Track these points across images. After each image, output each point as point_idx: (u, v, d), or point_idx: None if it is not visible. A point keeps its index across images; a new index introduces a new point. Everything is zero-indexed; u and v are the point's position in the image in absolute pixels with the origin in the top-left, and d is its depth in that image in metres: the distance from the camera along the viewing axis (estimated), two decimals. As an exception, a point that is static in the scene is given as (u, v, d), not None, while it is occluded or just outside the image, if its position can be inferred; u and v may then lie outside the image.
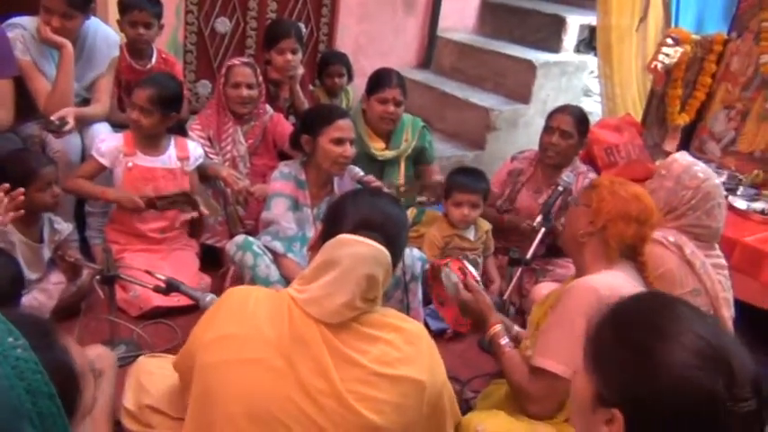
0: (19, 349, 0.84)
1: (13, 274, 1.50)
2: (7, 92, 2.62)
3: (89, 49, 2.86)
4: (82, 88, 2.88)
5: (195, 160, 2.84)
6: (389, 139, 3.16)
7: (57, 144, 2.67)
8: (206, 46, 3.99)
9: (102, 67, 2.90)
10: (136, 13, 3.00)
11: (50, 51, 2.76)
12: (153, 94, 2.67)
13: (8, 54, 2.63)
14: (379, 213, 1.51)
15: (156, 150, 2.78)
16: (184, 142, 2.86)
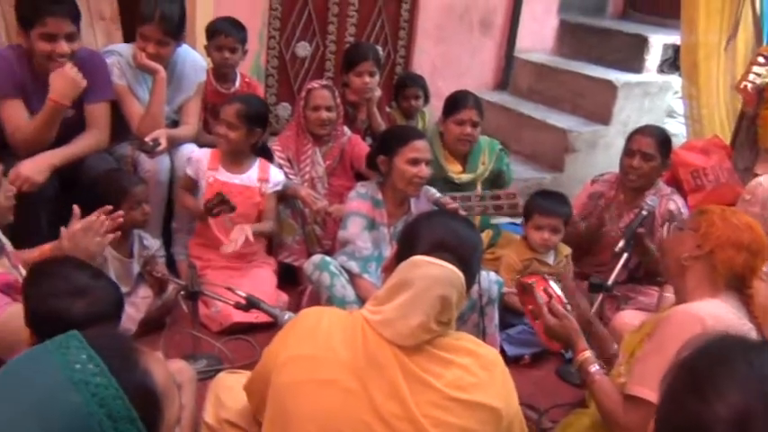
0: (99, 376, 0.84)
1: (117, 298, 1.57)
2: (105, 114, 2.77)
3: (179, 75, 2.99)
4: (171, 111, 3.02)
5: (274, 185, 2.91)
6: (466, 162, 3.15)
7: (148, 164, 2.80)
8: (286, 69, 4.10)
9: (191, 91, 3.03)
10: (222, 38, 3.12)
11: (144, 76, 2.91)
12: (240, 109, 2.77)
13: (107, 79, 2.79)
14: (454, 235, 1.50)
15: (238, 168, 2.87)
16: (267, 166, 2.93)
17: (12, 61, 2.57)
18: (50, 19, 2.46)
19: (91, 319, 1.45)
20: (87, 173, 2.61)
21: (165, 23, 2.77)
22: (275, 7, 3.91)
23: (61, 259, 1.75)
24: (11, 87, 2.57)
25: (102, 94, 2.76)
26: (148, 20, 2.76)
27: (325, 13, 4.07)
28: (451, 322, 1.47)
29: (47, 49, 2.50)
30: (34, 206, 2.32)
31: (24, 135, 2.55)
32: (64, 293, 1.49)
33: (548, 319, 1.88)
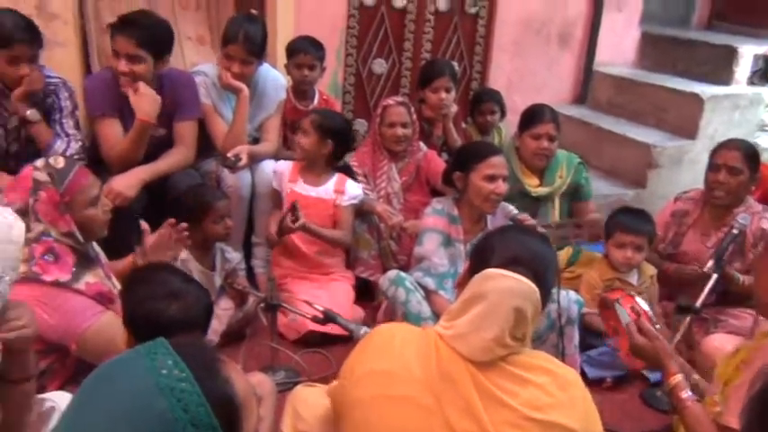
0: (184, 382, 0.87)
1: (207, 304, 1.65)
2: (192, 132, 2.90)
3: (260, 93, 3.08)
4: (253, 129, 3.11)
5: (350, 198, 2.94)
6: (543, 176, 3.10)
7: (230, 179, 2.89)
8: (363, 86, 4.15)
9: (271, 109, 3.12)
10: (301, 56, 3.21)
11: (228, 95, 3.02)
12: (314, 118, 2.87)
13: (195, 98, 2.92)
14: (528, 250, 1.47)
15: (315, 181, 2.93)
16: (345, 180, 2.98)
17: (108, 82, 2.73)
18: (118, 37, 2.63)
19: (184, 322, 1.54)
20: (174, 188, 2.73)
21: (249, 44, 2.88)
22: (353, 26, 3.98)
23: (158, 265, 1.87)
24: (108, 107, 2.73)
25: (190, 113, 2.89)
26: (233, 40, 2.87)
27: (401, 30, 4.11)
28: (527, 338, 1.44)
29: (115, 65, 2.67)
30: (125, 219, 2.43)
31: (118, 152, 2.70)
32: (160, 296, 1.59)
33: (636, 338, 1.80)
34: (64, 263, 1.83)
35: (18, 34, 2.53)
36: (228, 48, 2.90)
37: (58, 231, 1.84)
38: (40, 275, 1.79)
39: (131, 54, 2.64)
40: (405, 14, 4.08)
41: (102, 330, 1.82)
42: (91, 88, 2.79)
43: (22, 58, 2.56)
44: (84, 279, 1.86)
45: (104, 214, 1.99)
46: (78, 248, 1.89)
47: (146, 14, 2.77)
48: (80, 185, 1.88)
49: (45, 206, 1.83)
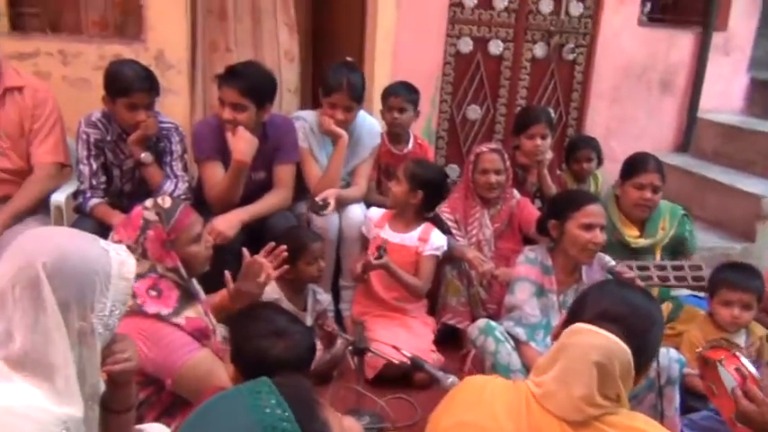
0: (285, 422, 0.89)
1: (311, 344, 1.70)
2: (290, 176, 2.99)
3: (356, 139, 3.15)
4: (346, 173, 3.18)
5: (433, 248, 2.91)
6: (644, 227, 2.98)
7: (319, 222, 2.95)
8: (456, 132, 4.18)
9: (365, 154, 3.19)
10: (392, 99, 3.29)
11: (325, 141, 3.11)
12: (408, 165, 2.89)
13: (295, 143, 3.03)
14: (624, 305, 1.42)
15: (403, 228, 2.94)
16: (431, 229, 2.95)
17: (214, 128, 2.88)
18: (224, 86, 2.79)
19: (288, 360, 1.59)
20: (271, 229, 2.81)
21: (352, 91, 2.98)
22: (448, 73, 4.03)
23: (265, 304, 1.96)
24: (212, 151, 2.87)
25: (289, 157, 2.99)
26: (337, 89, 2.98)
27: (496, 77, 4.12)
28: (621, 398, 1.39)
29: (220, 113, 2.81)
30: (224, 257, 2.52)
31: (217, 192, 2.83)
32: (267, 334, 1.65)
33: (743, 404, 1.66)
34: (167, 297, 1.91)
35: (137, 83, 2.73)
36: (333, 96, 2.99)
37: (163, 267, 1.93)
38: (143, 308, 1.88)
39: (235, 102, 2.77)
40: (501, 61, 4.10)
41: (196, 367, 1.88)
42: (198, 133, 2.95)
43: (140, 105, 2.75)
44: (184, 313, 1.92)
45: (206, 251, 2.06)
46: (181, 284, 1.97)
47: (251, 66, 2.91)
48: (185, 224, 1.98)
49: (153, 243, 1.92)
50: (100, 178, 2.85)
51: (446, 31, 3.93)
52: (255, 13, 3.68)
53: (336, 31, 4.23)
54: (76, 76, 3.48)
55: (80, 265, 1.29)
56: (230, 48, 3.67)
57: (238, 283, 2.18)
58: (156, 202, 1.96)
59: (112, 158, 2.88)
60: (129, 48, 3.52)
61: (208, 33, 3.68)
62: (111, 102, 2.76)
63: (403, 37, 3.79)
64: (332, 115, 3.00)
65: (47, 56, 3.46)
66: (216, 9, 3.67)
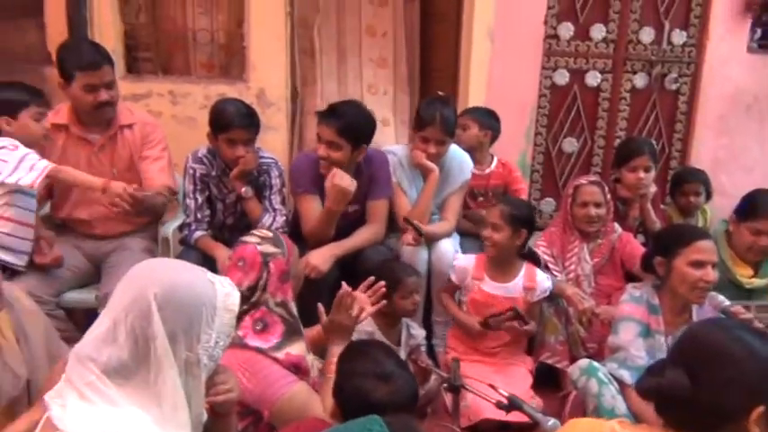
0: None
1: (414, 391, 1.68)
2: (384, 210, 3.00)
3: (446, 171, 3.12)
4: (435, 206, 3.14)
5: (541, 292, 2.84)
6: (758, 266, 2.79)
7: (408, 256, 2.93)
8: (552, 165, 4.08)
9: (455, 188, 3.14)
10: (458, 117, 3.24)
11: (414, 174, 3.10)
12: (504, 210, 2.79)
13: (388, 178, 3.04)
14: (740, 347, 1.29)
15: (504, 276, 2.86)
16: (534, 272, 2.87)
17: (312, 163, 2.92)
18: (323, 124, 2.82)
19: (390, 404, 1.58)
20: (365, 262, 2.82)
21: (444, 125, 2.96)
22: (543, 105, 3.96)
23: (374, 343, 1.96)
24: (309, 184, 2.91)
25: (383, 192, 3.01)
26: (430, 123, 2.96)
27: (594, 108, 4.01)
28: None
29: (317, 149, 2.87)
30: (318, 292, 2.56)
31: (310, 228, 2.87)
32: (371, 375, 1.65)
33: None
34: (271, 332, 1.93)
35: (237, 120, 2.83)
36: (425, 130, 2.98)
37: (274, 301, 1.96)
38: (245, 341, 1.91)
39: (330, 141, 2.81)
40: (598, 93, 3.99)
41: (293, 400, 1.89)
42: (296, 166, 3.02)
43: (239, 141, 2.85)
44: (285, 349, 1.94)
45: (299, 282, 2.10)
46: (288, 320, 1.98)
47: (351, 105, 2.92)
48: (292, 249, 2.02)
49: (274, 276, 1.95)
50: (204, 212, 2.96)
51: (541, 63, 3.88)
52: (341, 50, 3.81)
53: (432, 64, 4.24)
54: (184, 114, 3.67)
55: (189, 296, 1.33)
56: (316, 81, 3.79)
57: (331, 315, 2.18)
58: (259, 235, 2.00)
59: (216, 193, 2.99)
60: (233, 87, 3.69)
61: (301, 70, 3.82)
62: (214, 138, 2.88)
63: (497, 70, 3.76)
64: (424, 149, 2.99)
65: (158, 96, 3.69)
66: (307, 48, 3.82)
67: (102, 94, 2.69)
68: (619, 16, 3.89)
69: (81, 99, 2.69)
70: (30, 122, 2.51)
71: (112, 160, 2.84)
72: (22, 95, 2.52)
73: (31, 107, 2.51)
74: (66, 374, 1.34)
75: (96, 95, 2.68)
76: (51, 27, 3.63)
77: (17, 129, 2.50)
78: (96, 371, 1.30)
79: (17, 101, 2.51)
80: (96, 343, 1.33)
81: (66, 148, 2.80)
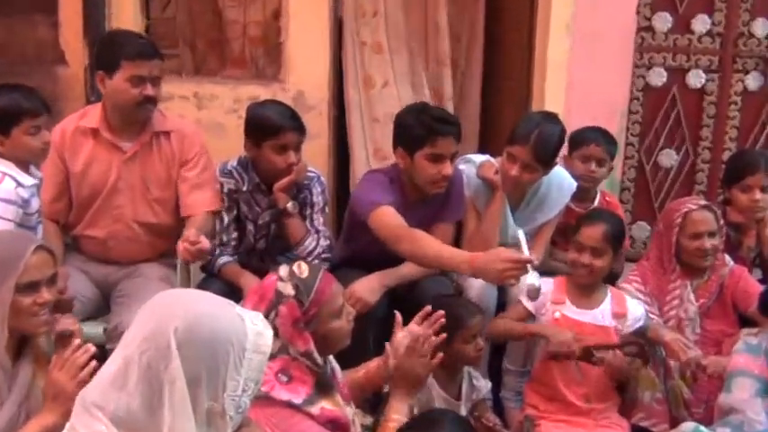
0: None
1: None
2: (450, 236, 2.96)
3: (542, 195, 3.08)
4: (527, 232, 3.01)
5: (635, 322, 2.78)
6: None
7: (475, 291, 2.87)
8: (646, 182, 4.01)
9: (551, 214, 3.10)
10: (591, 147, 3.22)
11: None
12: (607, 230, 2.72)
13: (461, 199, 3.00)
14: None
15: (588, 301, 2.80)
16: (622, 297, 2.82)
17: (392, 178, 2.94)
18: (442, 139, 2.78)
19: None
20: (421, 295, 2.78)
21: (539, 149, 2.84)
22: (635, 110, 3.90)
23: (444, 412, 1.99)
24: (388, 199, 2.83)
25: (452, 215, 2.98)
26: (520, 141, 2.86)
27: (698, 115, 3.93)
28: None
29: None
30: (364, 327, 2.54)
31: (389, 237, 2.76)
32: None
33: None
34: (299, 385, 1.91)
35: (287, 122, 2.86)
36: (514, 147, 2.89)
37: (295, 350, 1.94)
38: (271, 394, 1.88)
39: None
40: (703, 96, 3.93)
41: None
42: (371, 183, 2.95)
43: (290, 146, 2.87)
44: (320, 404, 1.91)
45: (348, 324, 2.06)
46: (317, 371, 1.96)
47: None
48: (325, 296, 1.98)
49: (284, 321, 1.93)
50: (231, 234, 2.98)
51: (633, 61, 3.83)
52: (409, 46, 3.82)
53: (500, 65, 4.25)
54: (211, 120, 3.74)
55: (215, 333, 1.32)
56: (389, 83, 3.81)
57: (402, 359, 2.13)
58: (292, 270, 1.98)
59: (247, 211, 3.01)
60: (267, 89, 3.74)
61: (362, 67, 3.83)
62: (255, 146, 2.90)
63: (578, 69, 3.73)
64: (508, 169, 2.91)
65: (181, 100, 3.77)
66: (369, 41, 3.83)
67: (149, 88, 2.75)
68: (726, 5, 3.84)
69: (123, 93, 2.74)
70: (24, 139, 2.51)
71: (145, 172, 2.88)
72: (14, 107, 2.51)
73: (24, 121, 2.51)
74: (71, 424, 1.34)
75: (143, 89, 2.74)
76: (65, 23, 3.78)
77: (9, 148, 2.52)
78: (105, 420, 1.29)
79: (7, 116, 2.51)
80: (104, 387, 1.33)
81: (94, 155, 2.85)
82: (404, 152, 2.84)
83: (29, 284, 1.88)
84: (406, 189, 2.92)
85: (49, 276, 1.95)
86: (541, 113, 3.12)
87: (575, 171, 3.22)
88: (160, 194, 2.89)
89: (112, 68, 2.72)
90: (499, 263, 2.41)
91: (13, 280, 1.84)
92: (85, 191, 2.83)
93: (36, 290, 1.90)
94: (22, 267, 1.85)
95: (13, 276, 1.84)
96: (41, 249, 1.94)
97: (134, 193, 2.86)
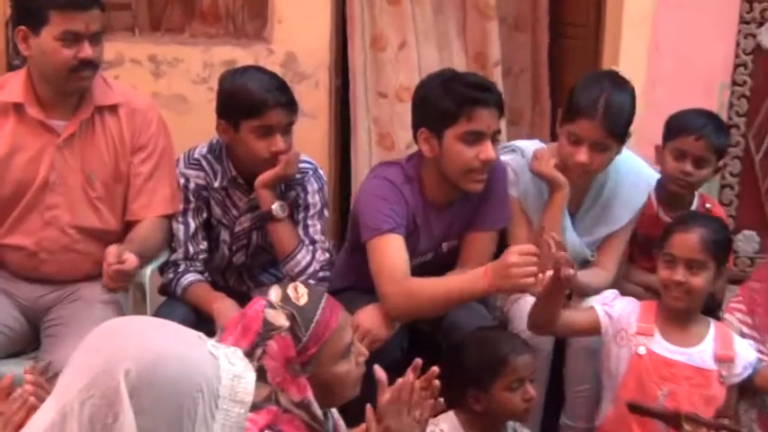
0: None
1: None
2: (488, 248, 2.96)
3: (609, 195, 3.10)
4: (587, 245, 3.11)
5: (744, 369, 2.79)
6: None
7: (521, 322, 2.86)
8: (755, 178, 3.99)
9: (623, 221, 3.11)
10: (690, 140, 3.13)
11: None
12: (705, 237, 2.72)
13: (505, 199, 3.01)
14: None
15: (684, 336, 2.80)
16: (729, 336, 2.83)
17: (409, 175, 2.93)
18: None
19: None
20: (453, 328, 2.80)
21: (612, 119, 2.86)
22: (741, 80, 3.90)
23: None
24: (401, 219, 2.86)
25: (493, 222, 2.98)
26: (586, 113, 2.87)
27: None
28: None
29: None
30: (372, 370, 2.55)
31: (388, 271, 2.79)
32: None
33: None
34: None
35: (272, 97, 2.87)
36: (577, 123, 2.90)
37: (287, 399, 1.96)
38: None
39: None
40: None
41: None
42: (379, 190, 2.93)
43: (277, 129, 2.90)
44: (317, 469, 1.94)
45: (358, 368, 2.07)
46: (314, 426, 1.97)
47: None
48: (329, 330, 1.98)
49: (275, 362, 1.93)
50: (200, 244, 3.02)
51: (739, 13, 3.83)
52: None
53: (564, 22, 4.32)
54: (172, 92, 3.76)
55: (178, 376, 1.33)
56: (407, 42, 3.84)
57: (385, 419, 2.14)
58: (287, 294, 1.99)
59: (220, 214, 3.05)
60: (247, 51, 3.75)
61: (371, 23, 3.87)
62: (230, 128, 2.93)
63: (666, 25, 3.75)
64: (572, 153, 2.92)
65: (133, 64, 3.79)
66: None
67: (86, 48, 2.75)
68: None
69: (53, 55, 2.74)
70: None
71: (85, 161, 2.89)
72: None
73: None
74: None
75: (78, 49, 2.73)
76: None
77: None
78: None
79: None
80: (34, 447, 1.34)
81: (17, 139, 2.86)
82: (429, 133, 2.84)
83: None
84: (430, 190, 2.93)
85: None
86: (600, 74, 3.13)
87: (665, 168, 3.24)
88: (105, 191, 2.90)
89: (38, 23, 2.73)
90: (511, 255, 2.55)
91: None
92: (7, 187, 2.84)
93: None
94: None
95: None
96: None
97: (71, 190, 2.87)
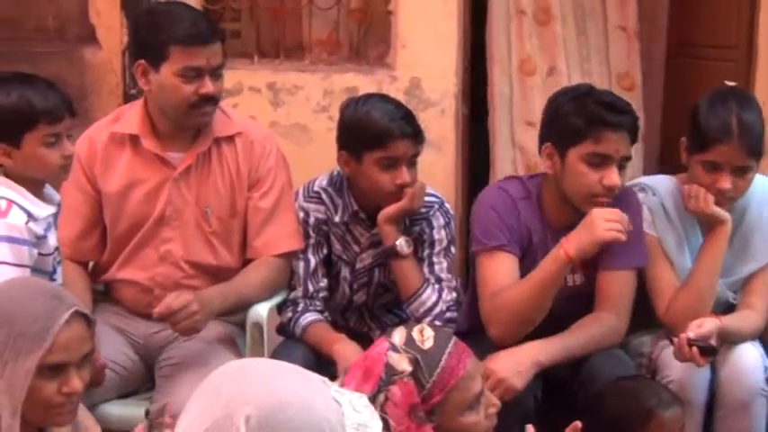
0: None
1: None
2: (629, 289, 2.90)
3: (748, 226, 3.02)
4: (726, 287, 3.02)
5: None
6: None
7: (671, 372, 2.80)
8: None
9: (765, 257, 3.01)
10: None
11: (688, 227, 3.00)
12: None
13: (641, 236, 2.93)
14: None
15: None
16: None
17: (530, 191, 2.92)
18: (607, 133, 2.76)
19: None
20: (591, 379, 2.74)
21: (749, 139, 2.81)
22: None
23: None
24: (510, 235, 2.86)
25: (630, 258, 2.90)
26: (722, 138, 2.81)
27: None
28: None
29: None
30: (506, 424, 2.49)
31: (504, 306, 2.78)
32: None
33: None
34: None
35: (397, 127, 2.87)
36: (714, 151, 2.84)
37: None
38: None
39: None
40: None
41: None
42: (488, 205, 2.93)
43: (402, 160, 2.90)
44: None
45: (488, 419, 2.04)
46: None
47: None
48: (455, 378, 1.95)
49: (398, 410, 1.91)
50: (320, 282, 3.02)
51: None
52: (578, 12, 3.83)
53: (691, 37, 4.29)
54: (291, 121, 3.80)
55: (300, 424, 1.32)
56: (556, 69, 3.84)
57: None
58: (411, 336, 1.97)
59: (340, 250, 3.06)
60: (370, 77, 3.78)
61: (519, 46, 3.86)
62: (352, 160, 2.95)
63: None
64: (713, 182, 2.85)
65: (251, 93, 3.84)
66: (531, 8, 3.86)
67: (207, 83, 2.80)
68: None
69: (172, 92, 2.80)
70: (39, 151, 2.57)
71: (201, 193, 2.94)
72: (25, 108, 2.53)
73: (40, 126, 2.55)
74: None
75: (199, 85, 2.79)
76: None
77: (20, 163, 2.57)
78: None
79: (17, 120, 2.53)
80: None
81: (133, 171, 2.93)
82: (553, 149, 2.83)
83: (55, 366, 1.90)
84: (549, 209, 2.92)
85: (83, 355, 1.97)
86: (721, 94, 3.02)
87: None
88: (220, 226, 2.93)
89: (158, 58, 2.79)
90: None
91: (35, 359, 1.86)
92: (124, 221, 2.90)
93: (64, 373, 1.92)
94: (49, 342, 1.87)
95: (36, 353, 1.86)
96: (78, 317, 1.95)
97: (186, 224, 2.92)
